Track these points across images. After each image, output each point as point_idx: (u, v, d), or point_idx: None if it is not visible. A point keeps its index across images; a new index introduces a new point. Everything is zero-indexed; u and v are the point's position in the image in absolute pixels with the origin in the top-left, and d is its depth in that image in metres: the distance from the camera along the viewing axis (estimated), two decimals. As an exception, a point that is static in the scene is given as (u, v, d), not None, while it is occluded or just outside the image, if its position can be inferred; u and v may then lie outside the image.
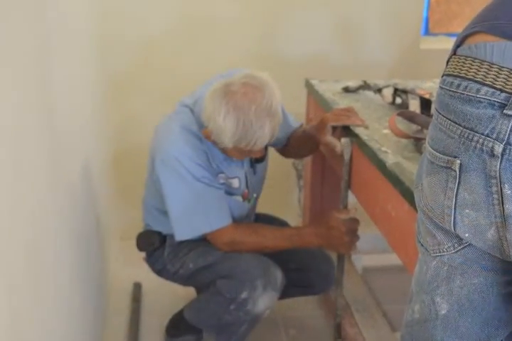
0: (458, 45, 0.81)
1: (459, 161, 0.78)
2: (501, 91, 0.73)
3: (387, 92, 1.87)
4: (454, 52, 0.81)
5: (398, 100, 1.82)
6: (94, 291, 1.78)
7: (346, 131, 1.65)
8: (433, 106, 1.49)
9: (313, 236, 1.68)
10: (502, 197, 0.76)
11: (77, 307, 1.44)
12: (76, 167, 1.61)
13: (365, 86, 1.98)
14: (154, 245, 1.81)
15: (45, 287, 1.09)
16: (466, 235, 0.81)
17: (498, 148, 0.74)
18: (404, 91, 1.77)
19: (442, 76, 0.82)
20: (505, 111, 0.73)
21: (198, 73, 2.05)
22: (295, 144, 1.87)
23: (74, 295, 1.40)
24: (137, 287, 2.28)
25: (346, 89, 2.00)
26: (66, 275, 1.32)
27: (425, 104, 1.62)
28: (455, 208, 0.80)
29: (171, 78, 2.41)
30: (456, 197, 0.80)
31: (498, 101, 0.74)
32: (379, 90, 1.91)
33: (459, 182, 0.79)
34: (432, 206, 0.84)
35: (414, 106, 1.66)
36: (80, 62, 1.88)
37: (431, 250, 0.89)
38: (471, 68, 0.76)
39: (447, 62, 0.82)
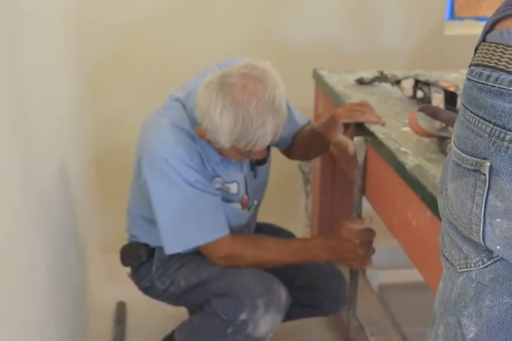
0: (487, 31, 0.80)
1: (488, 163, 0.78)
2: (537, 83, 0.73)
3: (407, 85, 1.87)
4: (484, 39, 0.81)
5: (419, 93, 1.82)
6: (72, 311, 1.78)
7: (360, 128, 1.65)
8: (459, 101, 1.49)
9: (322, 249, 1.68)
10: (538, 205, 0.75)
11: (52, 329, 1.44)
12: (51, 169, 1.61)
13: (382, 77, 1.98)
14: (141, 259, 1.81)
15: (15, 306, 1.09)
16: (498, 247, 0.81)
17: (534, 149, 0.74)
18: (427, 84, 1.77)
19: (470, 66, 0.82)
20: (541, 106, 0.73)
21: (190, 63, 2.06)
22: (302, 144, 1.87)
23: (48, 315, 1.40)
24: (121, 307, 2.28)
25: (360, 81, 2.00)
26: (40, 293, 1.32)
27: (450, 98, 1.62)
28: (484, 217, 0.80)
29: (159, 69, 2.42)
30: (485, 204, 0.79)
31: (533, 95, 0.74)
32: (397, 82, 1.91)
33: (488, 188, 0.79)
34: (458, 214, 0.84)
35: (438, 100, 1.67)
36: (56, 50, 1.88)
37: (457, 265, 0.88)
38: (502, 57, 0.76)
39: (475, 50, 0.82)
